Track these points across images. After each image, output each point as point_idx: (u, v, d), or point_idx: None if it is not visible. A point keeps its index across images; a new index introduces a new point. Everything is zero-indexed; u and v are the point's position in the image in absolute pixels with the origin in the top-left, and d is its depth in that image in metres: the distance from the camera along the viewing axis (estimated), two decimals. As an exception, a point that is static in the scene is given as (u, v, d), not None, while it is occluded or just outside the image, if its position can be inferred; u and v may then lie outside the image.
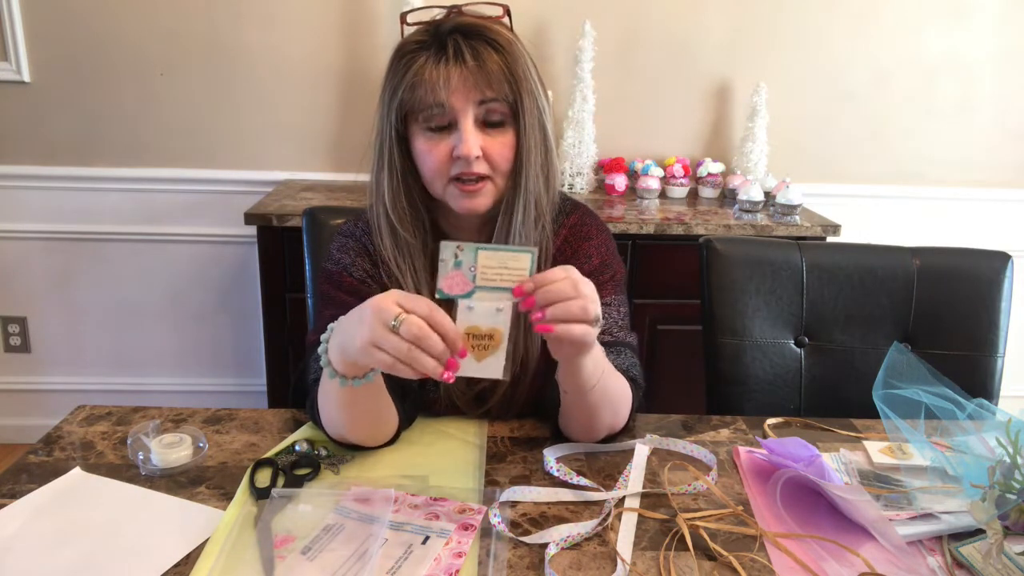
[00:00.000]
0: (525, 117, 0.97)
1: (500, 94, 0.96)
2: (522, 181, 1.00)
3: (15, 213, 2.35)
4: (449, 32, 0.96)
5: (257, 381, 2.49)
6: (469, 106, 0.95)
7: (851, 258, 1.37)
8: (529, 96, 0.97)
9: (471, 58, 0.94)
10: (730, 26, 2.33)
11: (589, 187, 2.33)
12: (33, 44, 2.23)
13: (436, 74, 0.94)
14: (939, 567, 0.81)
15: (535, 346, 1.07)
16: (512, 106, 0.97)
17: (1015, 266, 1.36)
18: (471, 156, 0.95)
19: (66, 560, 0.78)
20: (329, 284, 1.08)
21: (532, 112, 0.98)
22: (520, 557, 0.80)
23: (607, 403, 0.97)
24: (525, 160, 0.99)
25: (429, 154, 0.98)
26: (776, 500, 0.89)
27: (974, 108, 2.44)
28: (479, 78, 0.94)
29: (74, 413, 1.07)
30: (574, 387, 0.93)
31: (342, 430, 0.96)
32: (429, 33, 0.97)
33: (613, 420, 1.01)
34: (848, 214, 2.29)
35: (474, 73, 0.94)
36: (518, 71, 0.96)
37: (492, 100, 0.96)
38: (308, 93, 2.32)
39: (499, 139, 0.98)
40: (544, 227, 1.07)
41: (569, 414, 1.00)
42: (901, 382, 0.96)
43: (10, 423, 2.51)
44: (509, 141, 0.98)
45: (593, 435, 1.02)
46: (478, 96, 0.95)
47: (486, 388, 1.08)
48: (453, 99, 0.95)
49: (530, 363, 1.07)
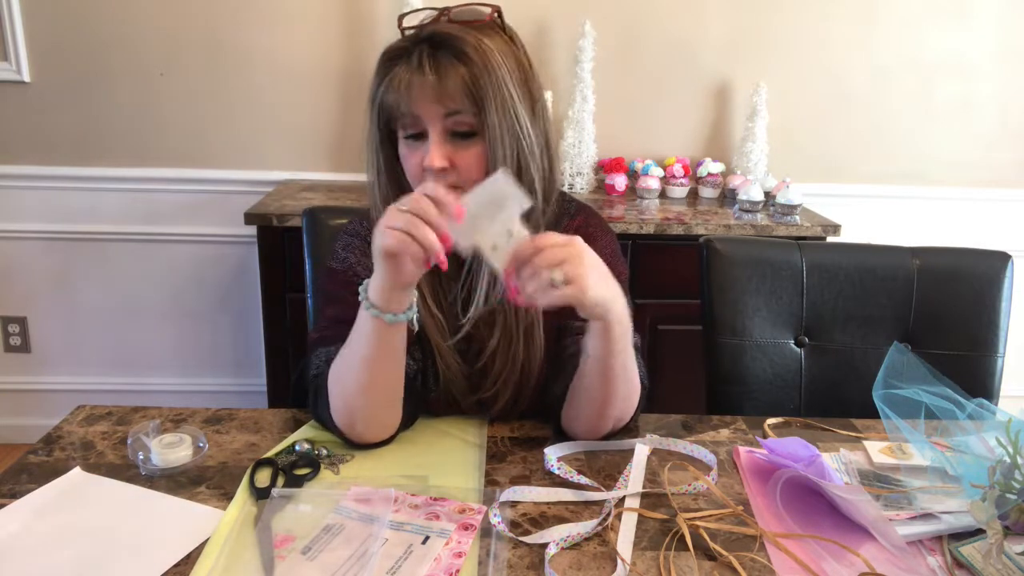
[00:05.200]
0: (489, 131, 0.95)
1: (462, 107, 0.94)
2: None
3: (15, 213, 2.35)
4: (420, 41, 0.95)
5: (257, 381, 2.49)
6: (435, 117, 0.95)
7: (851, 258, 1.37)
8: (497, 109, 0.95)
9: (431, 71, 0.93)
10: (730, 26, 2.33)
11: (589, 187, 2.33)
12: (33, 44, 2.23)
13: (401, 84, 0.94)
14: (939, 567, 0.81)
15: (536, 354, 1.07)
16: (478, 118, 0.96)
17: (1015, 266, 1.36)
18: (435, 167, 0.95)
19: (66, 560, 0.77)
20: (334, 283, 1.08)
21: (500, 125, 0.95)
22: (520, 557, 0.80)
23: (625, 379, 0.97)
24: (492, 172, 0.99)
25: (407, 160, 0.99)
26: (776, 500, 0.89)
27: (974, 108, 2.44)
28: (439, 91, 0.94)
29: (74, 413, 1.07)
30: (602, 351, 0.92)
31: (352, 402, 0.96)
32: (410, 39, 0.97)
33: (624, 405, 1.00)
34: (848, 214, 2.29)
35: (434, 86, 0.93)
36: (483, 83, 0.94)
37: (456, 112, 0.95)
38: (308, 93, 2.32)
39: (469, 150, 0.97)
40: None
41: (583, 394, 0.98)
42: (901, 382, 0.96)
43: (10, 423, 2.51)
44: (478, 152, 0.97)
45: (602, 420, 1.00)
46: (441, 109, 0.94)
47: (488, 398, 1.08)
48: (418, 109, 0.95)
49: (532, 371, 1.07)
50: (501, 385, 1.06)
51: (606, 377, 0.95)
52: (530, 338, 1.06)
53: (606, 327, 0.90)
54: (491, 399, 1.07)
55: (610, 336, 0.90)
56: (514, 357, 1.05)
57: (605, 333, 0.90)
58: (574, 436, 1.04)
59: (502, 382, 1.06)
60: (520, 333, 1.05)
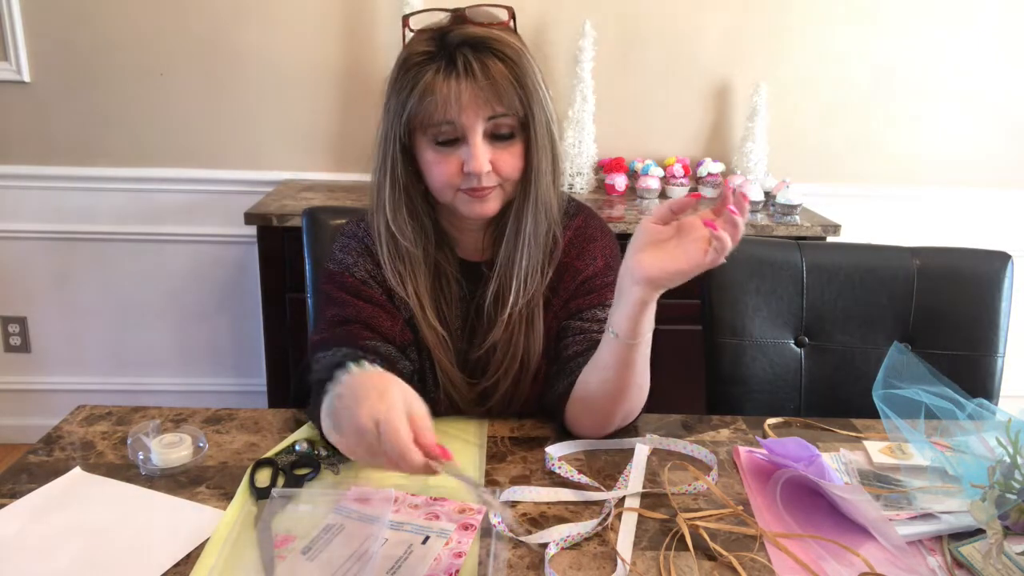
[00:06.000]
0: (536, 128, 0.97)
1: (510, 108, 0.95)
2: (532, 190, 1.01)
3: (15, 213, 2.35)
4: (457, 45, 0.94)
5: (257, 381, 2.49)
6: (479, 122, 0.95)
7: (851, 258, 1.37)
8: (539, 107, 0.97)
9: (481, 74, 0.92)
10: (730, 26, 2.33)
11: (589, 187, 2.33)
12: (33, 44, 2.23)
13: (447, 90, 0.92)
14: (939, 567, 0.81)
15: (536, 346, 1.07)
16: (522, 118, 0.96)
17: (1015, 266, 1.36)
18: (482, 172, 0.95)
19: (66, 560, 0.78)
20: (331, 284, 1.09)
21: (541, 122, 0.98)
22: (520, 557, 0.80)
23: (643, 371, 0.95)
24: (535, 170, 0.99)
25: (437, 166, 0.98)
26: (776, 500, 0.89)
27: (974, 108, 2.44)
28: (490, 94, 0.93)
29: (74, 413, 1.07)
30: (631, 331, 0.89)
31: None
32: (435, 43, 0.95)
33: (633, 403, 0.99)
34: (848, 214, 2.29)
35: (484, 89, 0.93)
36: (527, 83, 0.95)
37: (502, 115, 0.95)
38: (308, 93, 2.32)
39: (508, 151, 0.98)
40: (555, 235, 1.07)
41: (599, 386, 0.96)
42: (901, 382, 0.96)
43: (10, 423, 2.51)
44: (518, 151, 0.98)
45: (613, 413, 0.98)
46: (488, 112, 0.94)
47: (487, 387, 1.08)
48: (464, 116, 0.94)
49: (531, 363, 1.07)
50: (501, 375, 1.07)
51: (630, 362, 0.92)
52: (530, 328, 1.06)
53: (651, 306, 0.89)
54: (491, 388, 1.08)
55: (645, 316, 0.89)
56: (515, 349, 1.06)
57: (646, 312, 0.89)
58: (579, 432, 1.03)
59: (502, 372, 1.07)
60: (522, 325, 1.06)
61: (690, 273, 0.84)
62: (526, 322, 1.06)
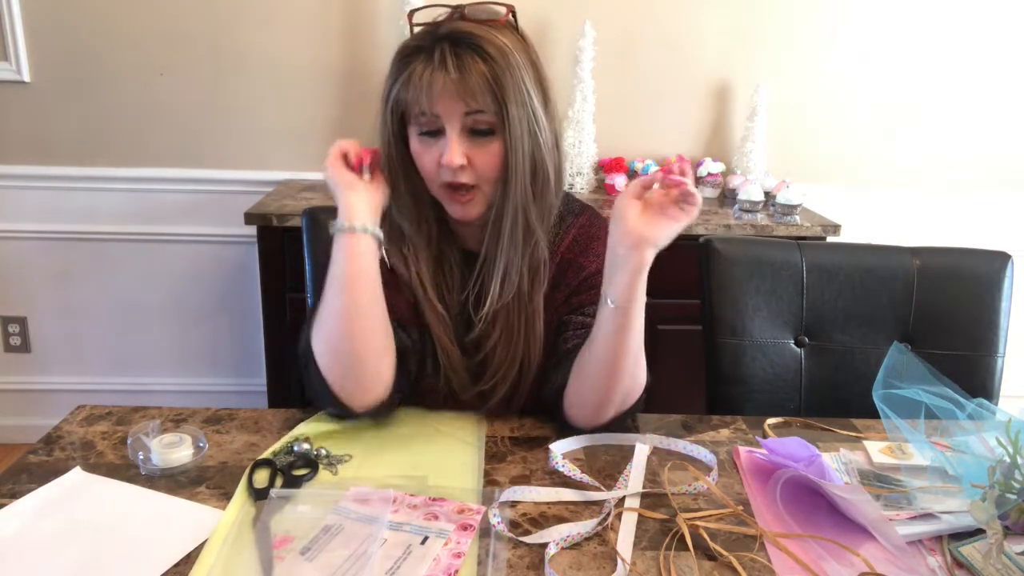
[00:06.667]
0: (511, 129, 0.96)
1: (485, 106, 0.95)
2: (509, 191, 1.00)
3: (15, 213, 2.35)
4: (440, 38, 0.95)
5: (257, 381, 2.49)
6: (456, 115, 0.95)
7: (851, 258, 1.37)
8: (517, 107, 0.95)
9: (454, 68, 0.93)
10: (730, 26, 2.33)
11: (589, 187, 2.33)
12: (33, 44, 2.23)
13: (422, 81, 0.94)
14: (939, 567, 0.81)
15: (536, 350, 1.07)
16: (499, 116, 0.96)
17: (1015, 266, 1.36)
18: (453, 165, 0.96)
19: (66, 560, 0.77)
20: None
21: (520, 123, 0.96)
22: (520, 557, 0.80)
23: (638, 342, 0.97)
24: (512, 171, 0.98)
25: (421, 157, 1.00)
26: (776, 500, 0.89)
27: (975, 108, 2.44)
28: (461, 88, 0.93)
29: (74, 413, 1.07)
30: (627, 297, 0.93)
31: (338, 346, 0.96)
32: (427, 37, 0.97)
33: (631, 384, 0.99)
34: (848, 214, 2.29)
35: (456, 83, 0.93)
36: (505, 81, 0.94)
37: (477, 111, 0.95)
38: (308, 93, 2.32)
39: (486, 148, 0.97)
40: (538, 242, 1.05)
41: (596, 358, 0.97)
42: (901, 382, 0.96)
43: (10, 423, 2.51)
44: (496, 150, 0.97)
45: (611, 389, 0.98)
46: (463, 107, 0.95)
47: (486, 391, 1.08)
48: (438, 107, 0.95)
49: (530, 366, 1.07)
50: (500, 378, 1.07)
51: (626, 330, 0.94)
52: (531, 331, 1.06)
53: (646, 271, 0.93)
54: (489, 391, 1.08)
55: (639, 282, 0.93)
56: (514, 351, 1.06)
57: (640, 280, 0.94)
58: (577, 419, 1.03)
59: (501, 375, 1.07)
60: (522, 327, 1.06)
61: (676, 228, 0.93)
62: (526, 326, 1.06)
